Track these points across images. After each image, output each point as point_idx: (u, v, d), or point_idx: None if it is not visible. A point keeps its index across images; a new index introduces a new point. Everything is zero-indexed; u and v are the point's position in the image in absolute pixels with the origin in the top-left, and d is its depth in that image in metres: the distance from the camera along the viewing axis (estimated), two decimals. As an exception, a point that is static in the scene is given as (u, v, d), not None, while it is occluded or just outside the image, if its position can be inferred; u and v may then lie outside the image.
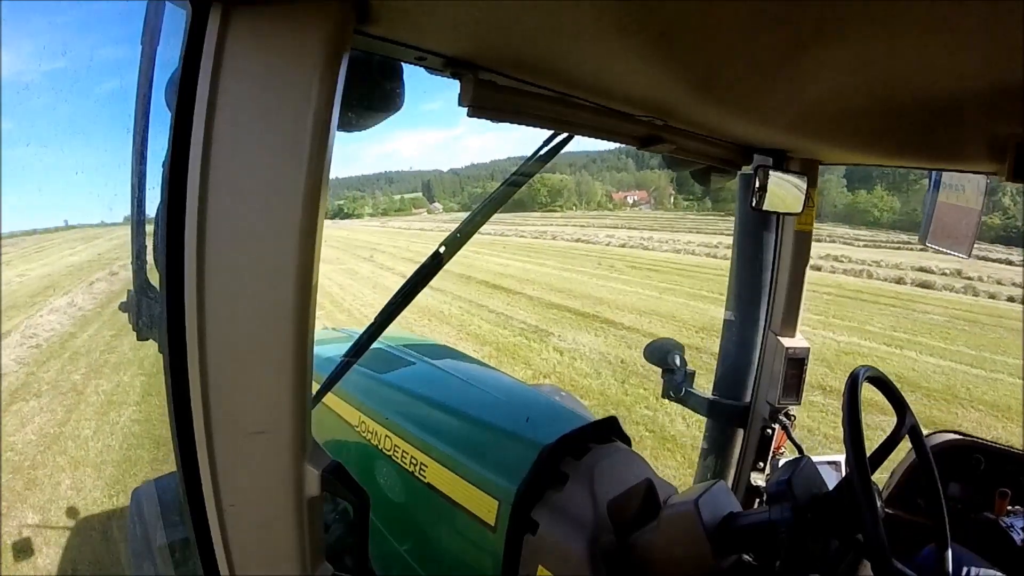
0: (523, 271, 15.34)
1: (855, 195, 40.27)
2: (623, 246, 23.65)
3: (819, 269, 15.84)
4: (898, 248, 21.89)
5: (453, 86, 0.75)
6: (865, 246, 23.01)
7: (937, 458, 1.10)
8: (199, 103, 0.49)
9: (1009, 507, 1.46)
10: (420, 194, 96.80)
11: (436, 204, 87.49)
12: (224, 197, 0.50)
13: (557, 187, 67.84)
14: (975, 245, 1.38)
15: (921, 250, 20.85)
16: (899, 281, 14.56)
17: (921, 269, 15.69)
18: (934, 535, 1.04)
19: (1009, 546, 1.39)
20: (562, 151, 1.14)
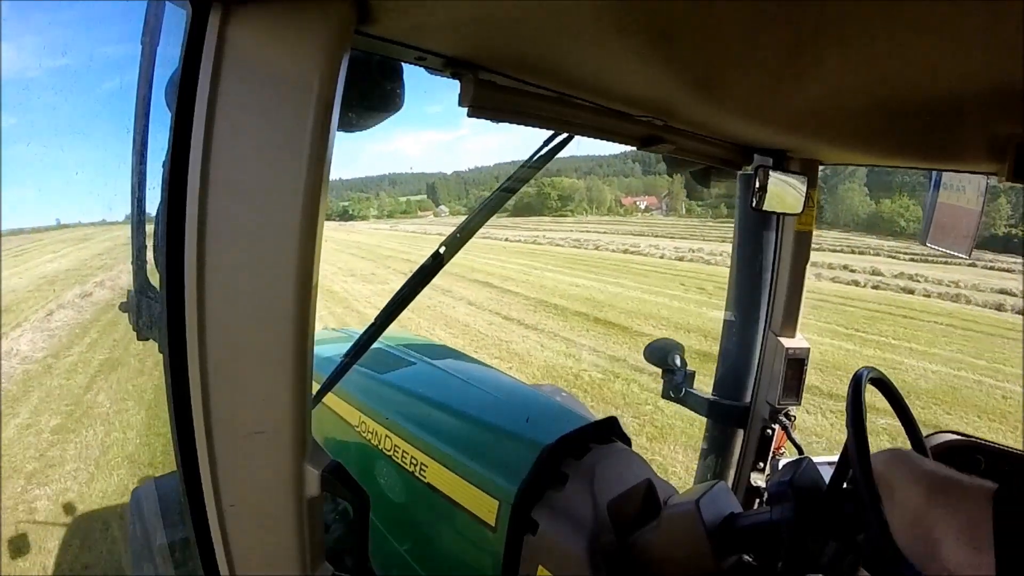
0: (618, 297, 12.31)
1: (879, 204, 39.89)
2: (681, 259, 20.77)
3: (911, 292, 14.66)
4: (947, 263, 19.95)
5: (455, 88, 0.75)
6: (912, 260, 20.75)
7: (937, 458, 1.10)
8: (199, 103, 0.49)
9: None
10: (425, 196, 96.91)
11: (442, 207, 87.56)
12: (224, 197, 0.50)
13: (568, 192, 67.80)
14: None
15: (970, 265, 19.15)
16: (999, 308, 13.07)
17: (1003, 292, 14.41)
18: None
19: None
20: (567, 155, 1.15)
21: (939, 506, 0.61)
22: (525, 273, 15.96)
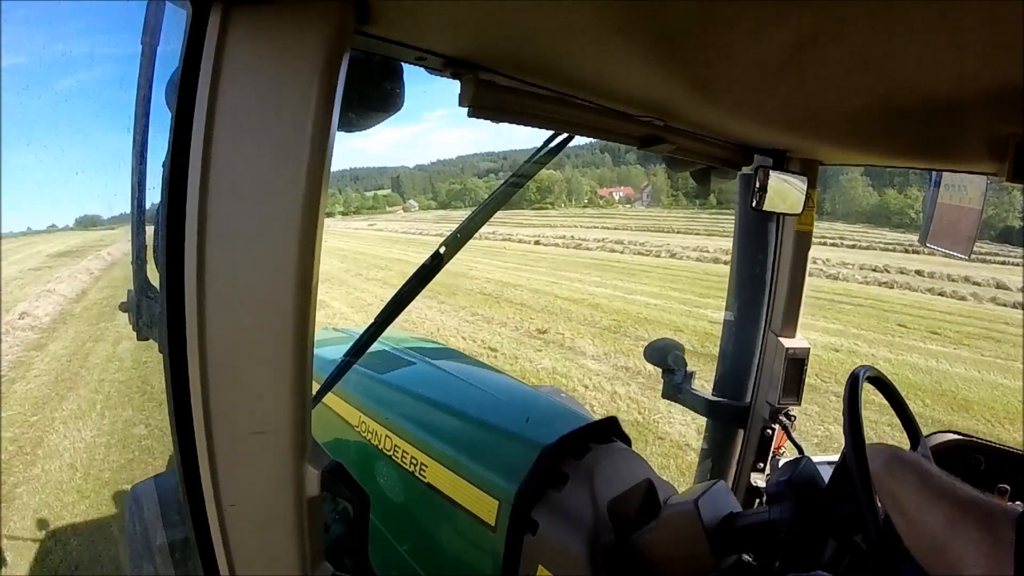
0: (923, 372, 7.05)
1: (883, 195, 39.43)
2: (834, 278, 15.54)
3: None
4: (990, 261, 17.87)
5: (418, 83, 0.69)
6: (983, 261, 17.65)
7: (937, 458, 1.10)
8: (199, 103, 0.49)
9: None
10: (390, 191, 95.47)
11: (412, 202, 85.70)
12: (224, 197, 0.50)
13: (546, 183, 67.35)
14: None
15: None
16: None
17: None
18: None
19: None
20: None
21: (963, 530, 0.60)
22: (707, 322, 9.13)
